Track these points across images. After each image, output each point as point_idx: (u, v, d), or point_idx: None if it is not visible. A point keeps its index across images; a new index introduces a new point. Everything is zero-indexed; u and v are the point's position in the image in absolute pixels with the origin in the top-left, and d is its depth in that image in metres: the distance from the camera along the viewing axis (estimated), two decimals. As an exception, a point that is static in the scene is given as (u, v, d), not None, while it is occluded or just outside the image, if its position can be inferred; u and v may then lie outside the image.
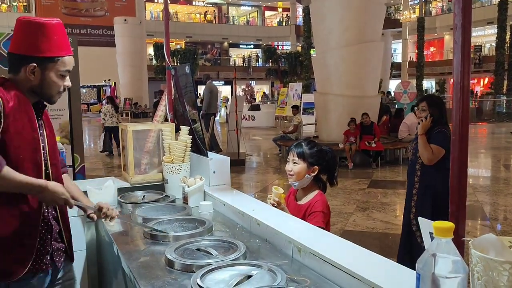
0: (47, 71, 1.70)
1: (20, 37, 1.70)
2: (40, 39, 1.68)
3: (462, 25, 1.08)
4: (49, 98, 1.77)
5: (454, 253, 0.90)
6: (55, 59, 1.71)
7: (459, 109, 1.14)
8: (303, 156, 2.31)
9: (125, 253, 1.90)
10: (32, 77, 1.69)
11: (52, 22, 1.72)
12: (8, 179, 1.55)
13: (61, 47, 1.73)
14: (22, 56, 1.69)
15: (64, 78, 1.76)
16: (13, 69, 1.72)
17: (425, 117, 3.26)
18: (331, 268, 1.51)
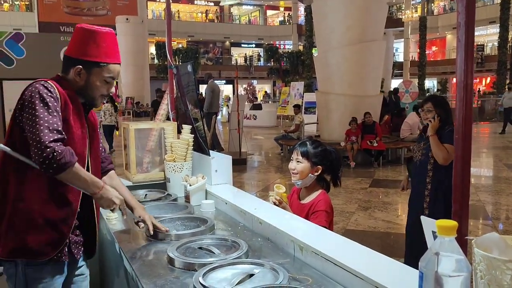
0: (92, 75, 1.81)
1: (74, 41, 1.84)
2: (90, 44, 1.80)
3: (465, 23, 1.08)
4: (92, 100, 1.87)
5: (458, 251, 0.90)
6: (101, 64, 1.81)
7: (462, 108, 1.13)
8: (307, 155, 2.31)
9: (127, 251, 1.91)
10: (78, 79, 1.81)
11: (103, 31, 1.84)
12: (78, 171, 1.67)
13: (108, 54, 1.83)
14: (72, 58, 1.82)
15: (108, 84, 1.86)
16: (64, 69, 1.84)
17: (432, 118, 3.25)
18: (333, 267, 1.51)
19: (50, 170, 1.59)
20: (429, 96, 3.56)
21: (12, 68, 3.79)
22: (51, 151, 1.56)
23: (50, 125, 1.61)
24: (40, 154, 1.57)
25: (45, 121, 1.61)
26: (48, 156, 1.56)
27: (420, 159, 3.39)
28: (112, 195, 1.79)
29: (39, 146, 1.57)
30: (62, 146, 1.60)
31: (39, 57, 3.86)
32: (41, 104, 1.64)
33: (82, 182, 1.71)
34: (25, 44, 3.82)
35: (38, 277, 1.75)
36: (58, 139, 1.61)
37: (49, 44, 3.95)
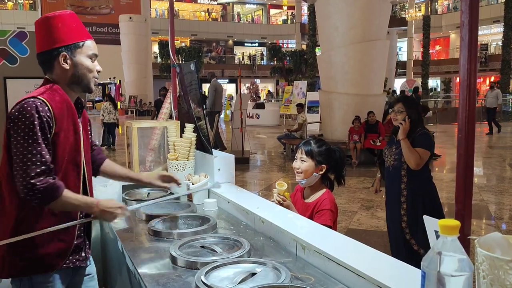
0: (77, 57, 1.76)
1: (43, 35, 1.76)
2: (62, 30, 1.74)
3: (469, 22, 1.07)
4: (87, 85, 1.81)
5: (460, 251, 0.90)
6: (80, 43, 1.77)
7: (466, 107, 1.13)
8: (311, 154, 2.30)
9: (130, 250, 1.91)
10: (66, 66, 1.74)
11: (67, 13, 1.80)
12: (67, 199, 1.65)
13: (81, 33, 1.79)
14: (50, 51, 1.74)
15: (93, 62, 1.81)
16: (48, 68, 1.78)
17: (403, 120, 3.10)
18: (335, 266, 1.51)
19: (32, 203, 1.60)
20: (400, 96, 3.42)
21: (15, 66, 3.80)
22: (32, 187, 1.56)
23: (34, 156, 1.58)
24: (22, 189, 1.57)
25: (29, 151, 1.58)
26: (29, 192, 1.56)
27: (392, 164, 3.23)
28: (110, 207, 1.76)
29: (22, 180, 1.57)
30: (45, 182, 1.58)
31: (42, 56, 3.87)
32: (28, 131, 1.59)
33: (74, 207, 1.71)
34: (29, 42, 3.82)
35: (44, 281, 1.74)
36: (43, 171, 1.58)
37: (53, 43, 3.95)
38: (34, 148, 1.59)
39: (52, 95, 1.70)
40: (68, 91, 1.77)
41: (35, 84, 3.86)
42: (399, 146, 3.11)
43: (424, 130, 3.16)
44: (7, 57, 3.75)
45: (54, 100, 1.68)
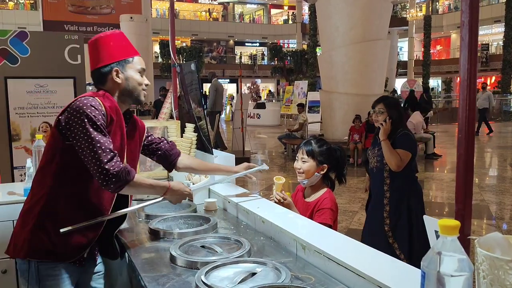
0: (128, 71, 1.91)
1: (97, 53, 1.92)
2: (114, 47, 1.91)
3: (469, 22, 1.07)
4: (137, 97, 1.96)
5: (460, 251, 0.90)
6: (130, 59, 1.93)
7: (466, 107, 1.13)
8: (312, 154, 2.31)
9: (130, 249, 1.91)
10: (118, 80, 1.89)
11: (116, 32, 1.98)
12: (140, 183, 1.82)
13: (130, 50, 1.96)
14: (103, 67, 1.89)
15: (142, 76, 1.97)
16: (101, 82, 1.91)
17: (384, 121, 3.07)
18: (336, 266, 1.51)
19: (109, 189, 1.74)
20: (381, 96, 3.34)
21: (16, 66, 3.80)
22: (107, 173, 1.69)
23: (102, 144, 1.71)
24: (99, 176, 1.70)
25: (97, 141, 1.70)
26: (105, 178, 1.69)
27: (375, 165, 3.20)
28: (180, 192, 1.96)
29: (97, 168, 1.69)
30: (117, 166, 1.71)
31: (43, 56, 3.87)
32: (92, 124, 1.72)
33: (146, 190, 1.92)
34: (30, 42, 3.82)
35: (51, 274, 1.80)
36: (112, 157, 1.72)
37: (54, 43, 3.95)
38: (100, 137, 1.72)
39: (104, 99, 1.83)
40: (119, 103, 1.90)
41: (36, 84, 3.87)
42: (381, 147, 3.08)
43: (405, 130, 3.13)
44: (8, 57, 3.75)
45: (106, 103, 1.81)
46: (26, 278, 1.80)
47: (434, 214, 5.85)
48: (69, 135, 1.74)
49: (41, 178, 1.81)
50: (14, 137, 3.84)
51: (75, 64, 3.99)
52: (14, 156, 3.82)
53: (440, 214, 5.99)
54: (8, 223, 2.45)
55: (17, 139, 3.85)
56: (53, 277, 1.80)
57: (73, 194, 1.80)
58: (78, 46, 4.00)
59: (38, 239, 1.76)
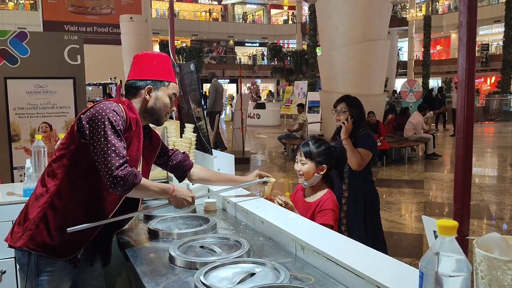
0: (160, 92, 1.97)
1: (139, 67, 1.99)
2: (155, 66, 1.99)
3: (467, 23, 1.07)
4: (159, 118, 2.01)
5: (458, 251, 0.90)
6: (166, 82, 1.99)
7: (464, 107, 1.13)
8: (310, 155, 2.31)
9: (129, 250, 1.91)
10: (148, 97, 1.95)
11: (163, 55, 2.05)
12: (146, 187, 1.84)
13: (169, 74, 2.02)
14: (140, 80, 1.96)
15: (171, 101, 2.02)
16: (132, 94, 1.97)
17: (346, 120, 3.06)
18: (335, 267, 1.51)
19: (116, 191, 1.77)
20: (343, 96, 3.31)
21: (16, 66, 3.80)
22: (115, 177, 1.72)
23: (117, 149, 1.74)
24: (107, 178, 1.73)
25: (113, 144, 1.74)
26: (113, 181, 1.72)
27: None
28: (184, 196, 1.96)
29: (107, 170, 1.72)
30: (125, 170, 1.74)
31: (43, 56, 3.87)
32: (111, 128, 1.76)
33: (151, 194, 1.93)
34: (29, 42, 3.83)
35: (49, 270, 1.83)
36: (123, 163, 1.75)
37: (53, 43, 3.96)
38: (116, 141, 1.75)
39: (127, 108, 1.87)
40: (140, 117, 1.94)
41: (36, 84, 3.87)
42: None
43: (366, 130, 3.12)
44: (8, 57, 3.76)
45: (128, 111, 1.86)
46: (25, 272, 1.83)
47: (433, 214, 5.86)
48: (87, 134, 1.78)
49: (51, 171, 1.85)
50: (13, 137, 3.84)
51: (74, 64, 3.99)
52: (14, 156, 3.83)
53: (440, 214, 6.00)
54: (8, 223, 2.45)
55: (16, 139, 3.85)
56: (51, 273, 1.83)
57: (80, 191, 1.83)
58: (77, 46, 4.01)
59: (38, 231, 1.79)
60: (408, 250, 4.57)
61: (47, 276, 1.83)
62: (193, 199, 2.00)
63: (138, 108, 1.95)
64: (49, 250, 1.80)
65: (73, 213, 1.81)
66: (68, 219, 1.79)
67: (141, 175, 1.82)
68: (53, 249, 1.80)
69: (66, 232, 1.77)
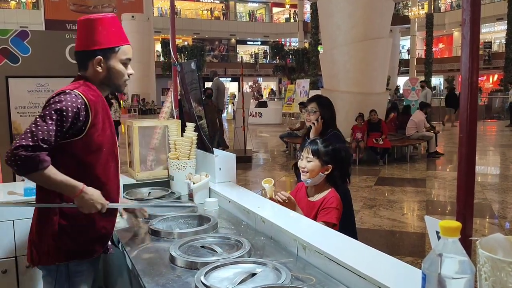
0: (111, 61, 1.84)
1: (83, 35, 1.85)
2: (101, 32, 1.82)
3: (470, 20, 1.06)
4: (118, 87, 1.92)
5: (461, 253, 0.89)
6: (116, 49, 1.85)
7: (467, 106, 1.11)
8: (317, 153, 2.29)
9: (130, 249, 1.91)
10: (99, 69, 1.83)
11: (108, 16, 1.86)
12: (48, 176, 1.66)
13: (119, 37, 1.87)
14: (87, 52, 1.83)
15: (126, 66, 1.90)
16: (82, 66, 1.86)
17: (316, 120, 2.97)
18: (336, 267, 1.50)
19: (12, 168, 1.63)
20: (314, 95, 3.24)
21: (17, 65, 3.79)
22: (15, 154, 1.58)
23: (37, 131, 1.61)
24: (8, 153, 1.60)
25: (35, 126, 1.62)
26: (11, 157, 1.59)
27: None
28: (92, 202, 1.75)
29: (13, 145, 1.61)
30: (29, 153, 1.59)
31: (44, 55, 3.86)
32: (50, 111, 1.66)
33: (55, 186, 1.71)
34: (31, 41, 3.82)
35: (79, 270, 1.83)
36: (32, 146, 1.60)
37: (55, 42, 3.95)
38: (43, 125, 1.63)
39: (86, 90, 1.78)
40: (100, 89, 1.85)
41: (37, 83, 3.86)
42: None
43: (335, 131, 3.04)
44: (9, 56, 3.75)
45: (89, 94, 1.77)
46: (54, 277, 1.80)
47: (436, 213, 5.84)
48: None
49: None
50: (15, 136, 3.83)
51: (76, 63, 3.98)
52: (15, 155, 3.82)
53: (442, 213, 5.98)
54: (8, 223, 2.44)
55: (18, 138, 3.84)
56: (81, 273, 1.84)
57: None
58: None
59: (62, 243, 1.77)
60: (410, 249, 4.55)
61: (78, 277, 1.83)
62: (104, 207, 1.79)
63: (95, 82, 1.84)
64: (80, 255, 1.81)
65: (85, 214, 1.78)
66: (83, 218, 1.78)
67: (49, 163, 1.65)
68: (83, 252, 1.81)
69: (89, 233, 1.79)
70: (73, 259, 1.79)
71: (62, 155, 1.72)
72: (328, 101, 3.17)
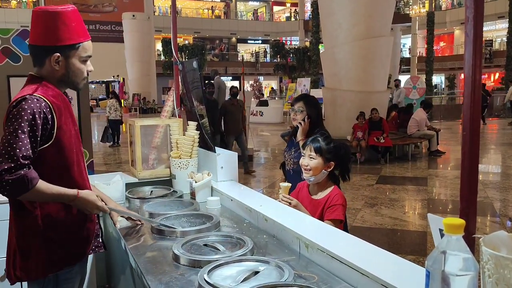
0: (70, 59, 1.73)
1: (40, 28, 1.69)
2: (60, 27, 1.68)
3: (474, 18, 1.06)
4: (76, 85, 1.81)
5: (465, 250, 0.89)
6: (76, 46, 1.73)
7: (470, 104, 1.11)
8: (320, 151, 2.29)
9: (133, 248, 1.91)
10: (57, 67, 1.71)
11: (68, 9, 1.72)
12: (42, 192, 1.61)
13: (79, 33, 1.74)
14: (44, 47, 1.69)
15: (85, 63, 1.79)
16: (38, 62, 1.73)
17: (302, 120, 2.91)
18: (339, 265, 1.50)
19: (2, 194, 1.57)
20: (301, 95, 3.17)
21: (19, 64, 3.80)
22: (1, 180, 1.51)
23: (13, 150, 1.53)
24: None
25: (9, 145, 1.54)
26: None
27: (292, 167, 3.06)
28: (90, 205, 1.76)
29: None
30: (14, 174, 1.52)
31: (45, 54, 3.87)
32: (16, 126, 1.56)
33: (50, 199, 1.67)
34: (32, 41, 3.82)
35: (68, 277, 1.79)
36: (13, 167, 1.52)
37: (56, 41, 3.95)
38: (14, 142, 1.54)
39: (45, 90, 1.67)
40: (57, 86, 1.75)
41: (38, 82, 3.87)
42: (298, 148, 2.91)
43: (322, 130, 2.92)
44: (11, 56, 3.75)
45: (49, 95, 1.67)
46: (41, 284, 1.74)
47: (437, 212, 5.84)
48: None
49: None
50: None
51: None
52: (17, 154, 3.82)
53: (444, 211, 5.97)
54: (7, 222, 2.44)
55: (19, 137, 3.85)
56: (70, 280, 1.81)
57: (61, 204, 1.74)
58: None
59: (52, 252, 1.71)
60: (411, 247, 4.55)
61: (67, 284, 1.79)
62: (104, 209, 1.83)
63: (53, 81, 1.72)
64: (70, 261, 1.78)
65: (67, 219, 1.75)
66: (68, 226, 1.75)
67: (37, 179, 1.59)
68: (73, 257, 1.79)
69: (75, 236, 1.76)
70: (63, 267, 1.75)
71: (36, 165, 1.62)
72: (315, 100, 3.10)
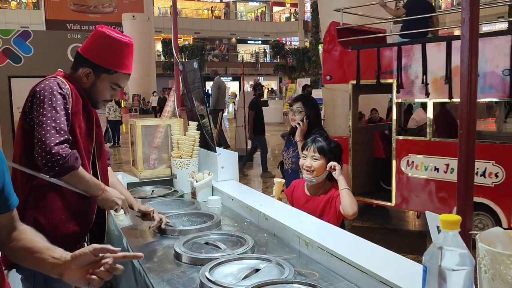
0: (99, 80, 1.82)
1: (92, 43, 1.84)
2: (107, 51, 1.80)
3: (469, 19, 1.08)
4: (94, 103, 1.87)
5: (461, 246, 0.91)
6: (111, 71, 1.82)
7: (467, 104, 1.13)
8: (323, 152, 2.28)
9: (135, 246, 1.93)
10: (85, 80, 1.81)
11: (124, 40, 1.84)
12: (81, 176, 1.67)
13: (122, 64, 1.84)
14: (84, 58, 1.82)
15: (113, 91, 1.87)
16: (74, 66, 1.85)
17: (301, 120, 2.90)
18: (339, 262, 1.52)
19: (51, 172, 1.59)
20: (299, 95, 3.20)
21: (20, 65, 3.82)
22: (55, 154, 1.56)
23: (57, 125, 1.61)
24: (44, 156, 1.57)
25: (53, 120, 1.61)
26: (51, 159, 1.56)
27: (290, 167, 3.05)
28: (113, 196, 1.81)
29: (44, 147, 1.57)
30: (67, 150, 1.59)
31: (46, 55, 3.89)
32: (50, 102, 1.64)
33: (84, 185, 1.71)
34: (33, 41, 3.84)
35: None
36: (64, 140, 1.60)
37: (56, 42, 3.96)
38: (57, 116, 1.62)
39: (68, 80, 1.77)
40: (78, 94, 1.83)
41: (40, 83, 3.89)
42: (297, 148, 2.93)
43: (320, 131, 2.95)
44: (11, 56, 3.77)
45: (70, 84, 1.76)
46: (32, 282, 1.73)
47: (437, 211, 5.85)
48: (31, 118, 1.67)
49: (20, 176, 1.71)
50: (17, 136, 3.86)
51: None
52: (19, 155, 3.84)
53: (443, 211, 5.99)
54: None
55: (21, 138, 3.86)
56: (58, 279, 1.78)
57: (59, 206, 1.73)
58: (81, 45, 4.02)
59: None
60: (411, 247, 4.57)
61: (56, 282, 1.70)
62: (123, 202, 1.85)
63: (78, 84, 1.81)
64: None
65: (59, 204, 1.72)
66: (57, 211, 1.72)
67: (80, 161, 1.66)
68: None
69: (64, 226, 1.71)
70: None
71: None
72: (314, 100, 3.12)
